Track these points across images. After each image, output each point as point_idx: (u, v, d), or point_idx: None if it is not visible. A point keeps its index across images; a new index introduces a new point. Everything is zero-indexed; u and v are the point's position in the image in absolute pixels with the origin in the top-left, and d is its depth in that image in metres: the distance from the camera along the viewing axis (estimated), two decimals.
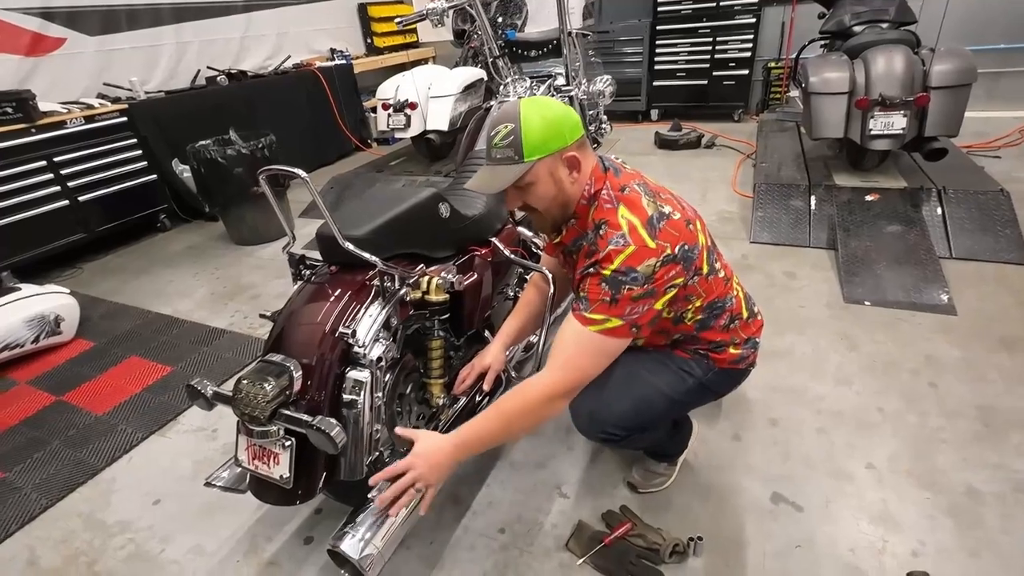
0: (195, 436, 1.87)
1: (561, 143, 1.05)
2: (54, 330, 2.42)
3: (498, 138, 1.06)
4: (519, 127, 1.03)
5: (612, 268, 1.02)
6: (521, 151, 1.03)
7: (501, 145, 1.05)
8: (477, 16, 1.97)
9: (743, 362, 1.28)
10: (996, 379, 1.81)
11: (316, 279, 1.26)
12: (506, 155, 1.05)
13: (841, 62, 2.85)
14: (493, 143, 1.07)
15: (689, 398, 1.27)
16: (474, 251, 1.57)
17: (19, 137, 3.00)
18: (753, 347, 1.29)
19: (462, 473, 1.62)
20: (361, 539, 1.10)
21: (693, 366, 1.25)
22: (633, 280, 1.01)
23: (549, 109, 1.06)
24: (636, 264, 1.01)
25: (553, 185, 1.08)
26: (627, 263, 1.01)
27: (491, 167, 1.09)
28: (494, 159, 1.08)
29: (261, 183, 1.15)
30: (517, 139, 1.03)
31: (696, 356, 1.25)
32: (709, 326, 1.20)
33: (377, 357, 1.16)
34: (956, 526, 1.34)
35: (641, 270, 1.01)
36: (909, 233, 2.57)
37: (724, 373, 1.27)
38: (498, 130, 1.06)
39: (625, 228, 1.03)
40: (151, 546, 1.49)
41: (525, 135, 1.03)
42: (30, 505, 1.64)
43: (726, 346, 1.24)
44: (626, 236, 1.03)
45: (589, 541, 1.35)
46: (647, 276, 1.02)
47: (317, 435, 1.01)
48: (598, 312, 1.04)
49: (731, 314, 1.22)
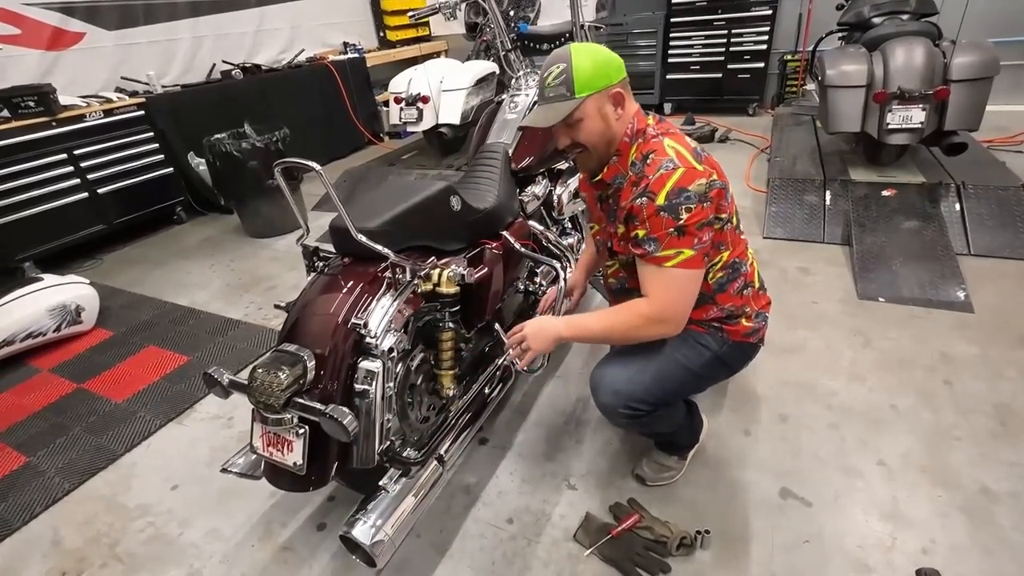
0: (211, 424, 1.91)
1: (608, 81, 1.13)
2: (75, 319, 2.48)
3: (551, 78, 1.14)
4: (570, 66, 1.11)
5: (665, 192, 1.08)
6: (572, 88, 1.11)
7: (554, 84, 1.13)
8: (489, 9, 1.97)
9: (754, 335, 1.32)
10: (1014, 377, 1.78)
11: (329, 271, 1.28)
12: (559, 92, 1.13)
13: (859, 54, 2.80)
14: (547, 83, 1.15)
15: (706, 372, 1.31)
16: (485, 244, 1.58)
17: (40, 130, 3.07)
18: (763, 321, 1.33)
19: (473, 464, 1.64)
20: (372, 526, 1.13)
21: (709, 340, 1.28)
22: (687, 199, 1.07)
23: (597, 52, 1.15)
24: (687, 184, 1.07)
25: (601, 121, 1.16)
26: (678, 184, 1.07)
27: (545, 105, 1.17)
28: (547, 98, 1.16)
29: (276, 175, 1.16)
30: (569, 77, 1.11)
31: (711, 330, 1.29)
32: (725, 288, 1.25)
33: (389, 348, 1.18)
34: (969, 524, 1.33)
35: (693, 189, 1.07)
36: (926, 229, 2.53)
37: (737, 346, 1.31)
38: (551, 71, 1.14)
39: (672, 155, 1.11)
40: (170, 529, 1.54)
41: (576, 73, 1.11)
42: (53, 488, 1.69)
43: (739, 317, 1.28)
44: (674, 160, 1.10)
45: (597, 532, 1.37)
46: (700, 195, 1.08)
47: (330, 423, 1.03)
48: (669, 248, 1.10)
49: (745, 279, 1.27)
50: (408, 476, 1.23)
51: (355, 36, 5.72)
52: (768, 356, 1.92)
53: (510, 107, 1.94)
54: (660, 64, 5.23)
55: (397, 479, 1.22)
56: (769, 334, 1.36)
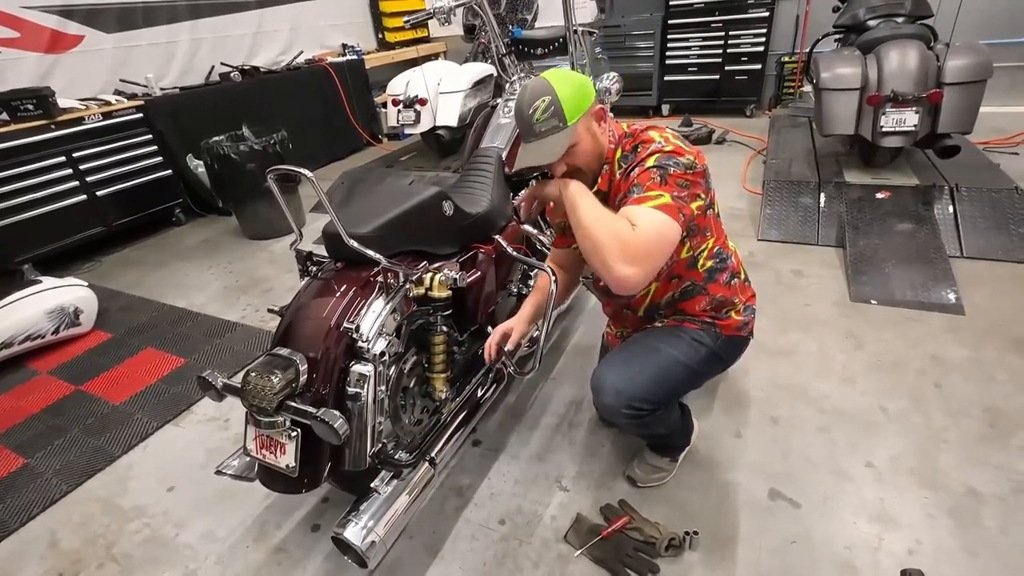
0: (208, 426, 1.93)
1: (589, 100, 1.16)
2: (73, 321, 2.50)
3: (539, 112, 1.13)
4: (556, 96, 1.12)
5: (655, 156, 1.12)
6: (564, 117, 1.12)
7: (543, 118, 1.13)
8: (483, 14, 1.98)
9: (744, 328, 1.36)
10: (1005, 380, 1.80)
11: (322, 275, 1.30)
12: (551, 125, 1.13)
13: (853, 57, 2.82)
14: (535, 119, 1.13)
15: (703, 367, 1.33)
16: (478, 248, 1.59)
17: (39, 133, 3.09)
18: (751, 314, 1.38)
19: (466, 465, 1.66)
20: (364, 527, 1.14)
21: (703, 336, 1.32)
22: (676, 164, 1.11)
23: (570, 75, 1.17)
24: (678, 155, 1.12)
25: (592, 140, 1.19)
26: (669, 153, 1.12)
27: (538, 142, 1.15)
28: (539, 133, 1.14)
29: (269, 182, 1.18)
30: (558, 107, 1.12)
31: (704, 326, 1.33)
32: (715, 277, 1.30)
33: (380, 352, 1.19)
34: (955, 525, 1.35)
35: (682, 159, 1.12)
36: (920, 232, 2.54)
37: (730, 340, 1.35)
38: (536, 106, 1.13)
39: (659, 138, 1.16)
40: (166, 531, 1.55)
41: (564, 101, 1.12)
42: (51, 490, 1.71)
43: (729, 310, 1.33)
44: (662, 142, 1.15)
45: (587, 533, 1.38)
46: (687, 165, 1.11)
47: (321, 426, 1.05)
48: (651, 190, 1.10)
49: (731, 271, 1.32)
50: (400, 478, 1.24)
51: (354, 38, 5.73)
52: (760, 358, 1.94)
53: (504, 112, 1.95)
54: (658, 65, 5.25)
55: (389, 481, 1.23)
56: (762, 336, 1.38)
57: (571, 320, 2.31)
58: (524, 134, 1.18)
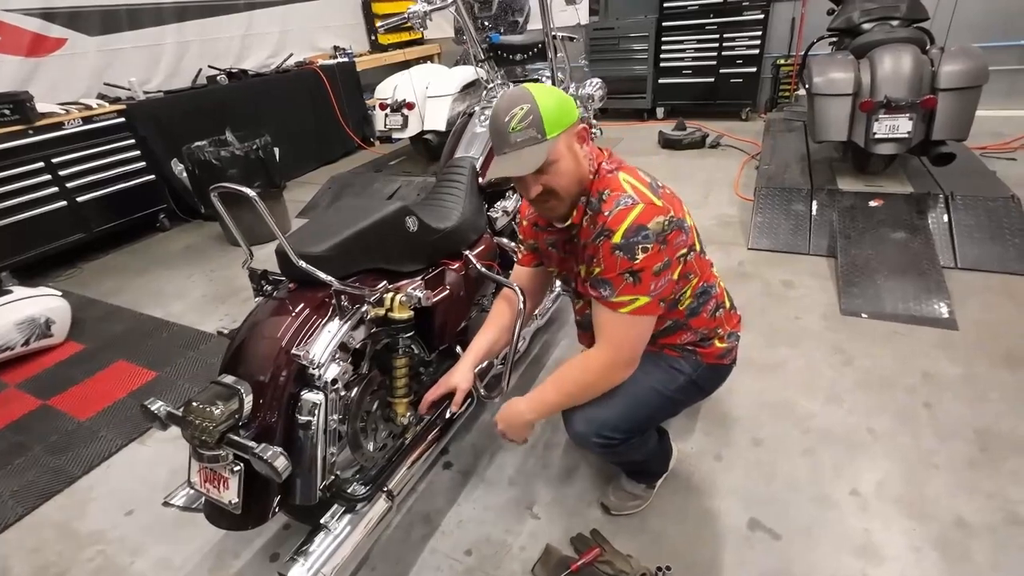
0: (173, 445, 1.87)
1: (572, 117, 1.06)
2: (45, 333, 2.44)
3: (515, 121, 1.01)
4: (536, 106, 1.01)
5: (623, 230, 1.01)
6: (543, 128, 1.01)
7: (520, 128, 1.01)
8: (460, 19, 1.92)
9: (727, 356, 1.30)
10: (997, 399, 1.73)
11: (276, 296, 1.23)
12: (528, 136, 1.01)
13: (847, 62, 2.75)
14: (511, 128, 1.02)
15: (680, 395, 1.27)
16: (446, 265, 1.53)
17: (17, 139, 3.03)
18: (735, 340, 1.31)
19: (435, 490, 1.59)
20: (311, 567, 1.08)
21: (682, 363, 1.25)
22: (645, 239, 1.01)
23: (553, 90, 1.07)
24: (646, 222, 1.01)
25: (573, 160, 1.07)
26: (637, 221, 1.01)
27: (514, 152, 1.03)
28: (514, 144, 1.02)
29: (213, 199, 1.12)
30: (537, 117, 1.01)
31: (684, 353, 1.26)
32: (698, 313, 1.22)
33: (332, 379, 1.13)
34: (942, 559, 1.28)
35: (652, 227, 1.01)
36: (913, 241, 2.47)
37: (711, 368, 1.28)
38: (513, 113, 1.01)
39: (629, 189, 1.05)
40: (121, 558, 1.49)
41: (544, 112, 1.01)
42: (6, 512, 1.65)
43: (712, 339, 1.26)
44: (632, 196, 1.04)
45: (556, 567, 1.31)
46: (657, 234, 1.01)
47: (260, 463, 0.98)
48: (624, 294, 1.05)
49: (716, 302, 1.24)
50: (353, 512, 1.18)
51: (346, 40, 5.67)
52: (747, 375, 1.87)
53: (480, 120, 1.89)
54: (652, 68, 5.18)
55: (340, 516, 1.17)
56: (749, 352, 1.32)
57: (552, 333, 2.25)
58: (497, 145, 1.05)
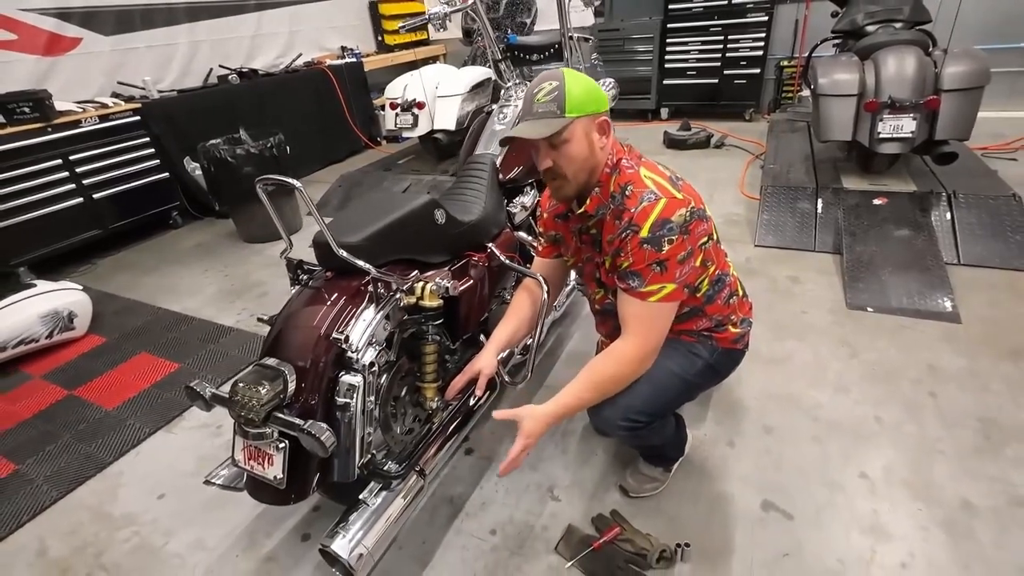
0: (200, 432, 1.92)
1: (597, 107, 1.13)
2: (67, 326, 2.49)
3: (542, 94, 1.12)
4: (563, 85, 1.10)
5: (649, 224, 1.09)
6: (563, 106, 1.10)
7: (544, 100, 1.11)
8: (478, 20, 1.98)
9: (740, 341, 1.36)
10: (1000, 390, 1.79)
11: (312, 284, 1.29)
12: (548, 109, 1.11)
13: (851, 63, 2.81)
14: (536, 99, 1.13)
15: (699, 379, 1.34)
16: (470, 256, 1.59)
17: (36, 136, 3.09)
18: (748, 326, 1.38)
19: (458, 474, 1.65)
20: (352, 539, 1.13)
21: (700, 348, 1.32)
22: (670, 231, 1.09)
23: (588, 80, 1.15)
24: (670, 215, 1.09)
25: (586, 147, 1.14)
26: (662, 216, 1.09)
27: (532, 120, 1.13)
28: (536, 114, 1.13)
29: (259, 192, 1.17)
30: (561, 95, 1.10)
31: (700, 339, 1.33)
32: (714, 300, 1.28)
33: (370, 362, 1.18)
34: (948, 539, 1.34)
35: (675, 220, 1.09)
36: (917, 238, 2.53)
37: (726, 353, 1.35)
38: (542, 87, 1.12)
39: (651, 185, 1.13)
40: (155, 539, 1.54)
41: (568, 92, 1.10)
42: (41, 497, 1.70)
43: (726, 325, 1.32)
44: (654, 191, 1.11)
45: (578, 544, 1.37)
46: (681, 226, 1.09)
47: (308, 439, 1.04)
48: (652, 283, 1.12)
49: (730, 289, 1.31)
50: (389, 489, 1.24)
51: (353, 40, 5.73)
52: (755, 367, 1.93)
53: (499, 118, 1.94)
54: (657, 69, 5.25)
55: (377, 492, 1.23)
56: (757, 345, 1.38)
57: (565, 327, 2.30)
58: (523, 113, 1.16)
